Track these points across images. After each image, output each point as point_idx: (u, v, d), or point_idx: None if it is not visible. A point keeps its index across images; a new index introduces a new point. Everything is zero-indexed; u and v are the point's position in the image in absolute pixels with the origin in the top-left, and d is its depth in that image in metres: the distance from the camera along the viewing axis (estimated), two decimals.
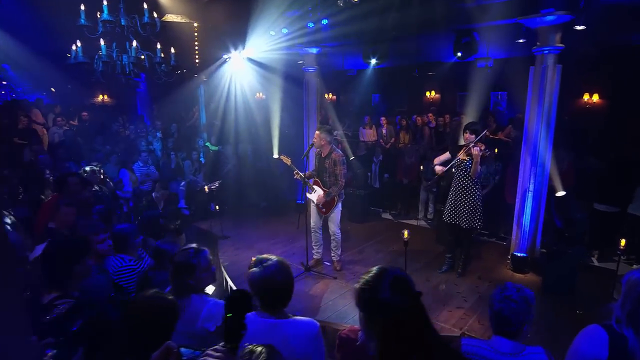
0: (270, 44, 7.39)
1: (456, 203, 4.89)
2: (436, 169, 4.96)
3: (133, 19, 4.83)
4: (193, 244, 2.52)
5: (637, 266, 5.24)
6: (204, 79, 10.05)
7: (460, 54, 5.91)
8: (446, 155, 4.96)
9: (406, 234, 3.96)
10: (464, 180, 4.81)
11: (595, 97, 9.13)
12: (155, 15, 4.96)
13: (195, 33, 8.18)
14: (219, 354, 1.18)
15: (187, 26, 7.96)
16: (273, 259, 1.95)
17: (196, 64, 8.53)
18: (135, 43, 4.97)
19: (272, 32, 7.24)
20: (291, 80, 8.72)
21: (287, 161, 5.22)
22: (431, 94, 11.43)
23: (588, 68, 8.39)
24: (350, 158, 7.82)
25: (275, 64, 8.39)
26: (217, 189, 8.12)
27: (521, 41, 5.78)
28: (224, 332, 1.20)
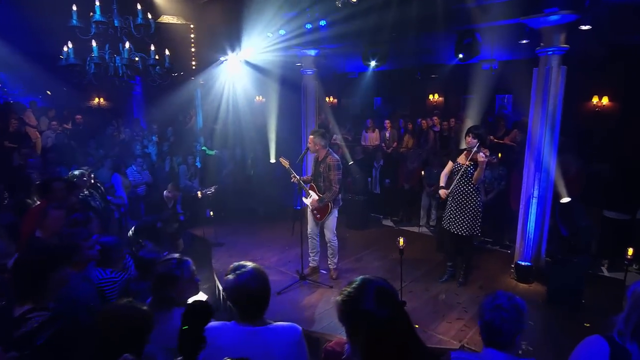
0: (268, 46, 7.39)
1: (456, 210, 4.82)
2: (442, 193, 4.85)
3: (126, 20, 4.83)
4: (176, 254, 2.48)
5: None
6: (200, 81, 10.06)
7: (461, 56, 5.87)
8: (450, 166, 4.89)
9: (402, 241, 3.89)
10: (464, 186, 4.74)
11: (605, 100, 9.02)
12: (149, 16, 4.96)
13: (192, 35, 8.21)
14: None
15: (183, 28, 8.00)
16: (248, 266, 1.92)
17: (192, 66, 8.55)
18: (128, 44, 4.97)
19: (270, 34, 7.24)
20: (289, 83, 8.71)
21: (286, 164, 5.16)
22: (434, 97, 11.38)
23: (597, 70, 8.30)
24: (349, 163, 7.77)
25: (273, 66, 8.39)
26: (213, 194, 8.11)
27: (524, 42, 5.72)
28: (179, 345, 1.15)
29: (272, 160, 8.33)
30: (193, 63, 8.49)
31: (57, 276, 2.28)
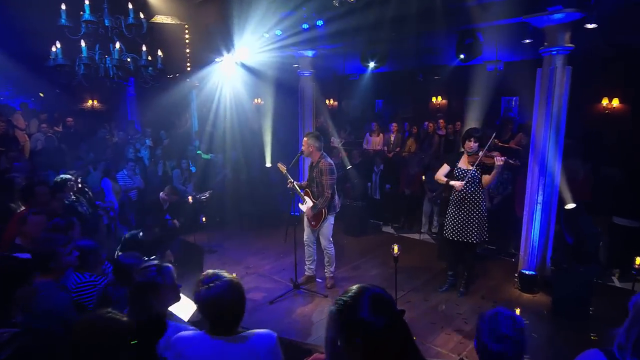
0: (264, 47, 7.38)
1: (461, 217, 4.71)
2: (457, 185, 4.65)
3: (117, 20, 4.83)
4: (154, 261, 2.43)
5: None
6: (195, 83, 10.07)
7: (463, 56, 5.82)
8: (445, 168, 4.82)
9: (396, 249, 3.83)
10: (472, 192, 4.63)
11: (615, 102, 8.94)
12: (141, 15, 4.95)
13: (186, 35, 8.22)
14: None
15: (177, 28, 8.01)
16: (223, 276, 1.87)
17: (187, 67, 8.55)
18: (118, 45, 4.96)
19: (266, 34, 7.24)
20: (288, 85, 8.69)
21: (283, 169, 5.14)
22: (437, 100, 11.34)
23: (606, 71, 8.24)
24: (347, 167, 7.72)
25: (270, 68, 8.38)
26: (208, 199, 8.07)
27: (527, 41, 5.67)
28: None
29: (268, 165, 8.29)
30: (188, 64, 8.49)
31: (23, 292, 2.23)
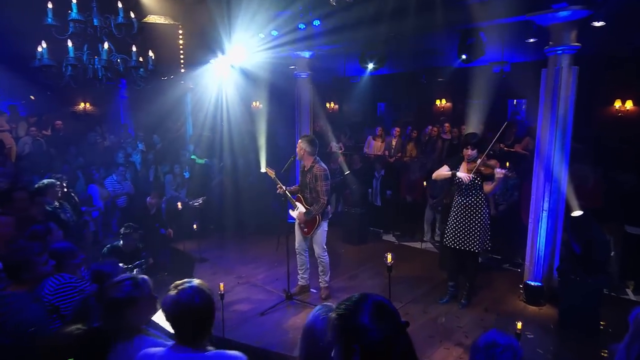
0: (260, 48, 7.37)
1: (462, 224, 4.66)
2: (461, 175, 4.52)
3: (107, 19, 4.81)
4: (127, 274, 2.39)
5: None
6: (190, 85, 10.07)
7: (465, 57, 5.77)
8: (445, 169, 4.75)
9: (390, 257, 3.76)
10: (472, 199, 4.59)
11: (629, 104, 8.84)
12: (132, 15, 4.94)
13: (180, 36, 8.23)
14: None
15: (170, 28, 8.01)
16: (192, 282, 1.83)
17: (181, 69, 8.55)
18: (107, 45, 4.94)
19: (262, 35, 7.23)
20: (284, 88, 8.67)
21: (272, 174, 5.14)
22: (442, 103, 11.28)
23: (618, 71, 8.15)
24: (346, 172, 7.66)
25: (267, 70, 8.36)
26: (201, 206, 8.02)
27: (532, 40, 5.60)
28: None
29: (263, 170, 8.24)
30: (182, 66, 8.48)
31: None
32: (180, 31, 8.20)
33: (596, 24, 4.88)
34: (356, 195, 7.33)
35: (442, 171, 4.75)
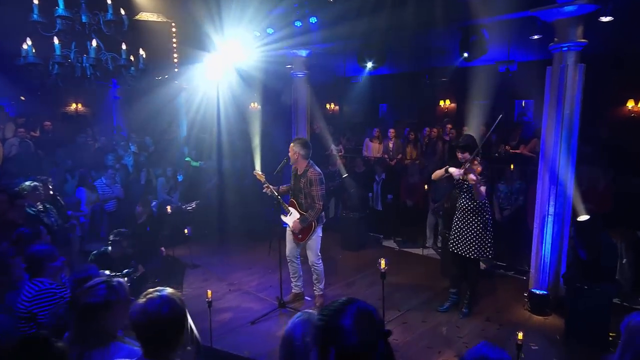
0: (256, 46, 7.36)
1: (461, 229, 4.65)
2: (451, 170, 4.50)
3: (96, 16, 4.80)
4: (99, 277, 2.34)
5: None
6: (184, 86, 10.06)
7: (466, 55, 5.73)
8: (443, 172, 4.70)
9: (383, 263, 3.71)
10: (468, 202, 4.56)
11: None
12: (122, 12, 4.93)
13: (173, 34, 8.23)
14: None
15: (163, 26, 8.01)
16: (163, 291, 1.77)
17: (175, 68, 8.54)
18: (95, 42, 4.93)
19: (257, 33, 7.22)
20: (281, 88, 8.65)
21: (261, 177, 5.12)
22: (445, 103, 11.23)
23: (630, 70, 8.06)
24: (343, 175, 7.61)
25: (262, 69, 8.34)
26: (194, 210, 7.99)
27: (536, 37, 5.55)
28: None
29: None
30: (175, 65, 8.47)
31: None
32: (173, 29, 8.20)
33: (604, 19, 4.80)
34: (354, 198, 7.26)
35: (440, 170, 4.71)
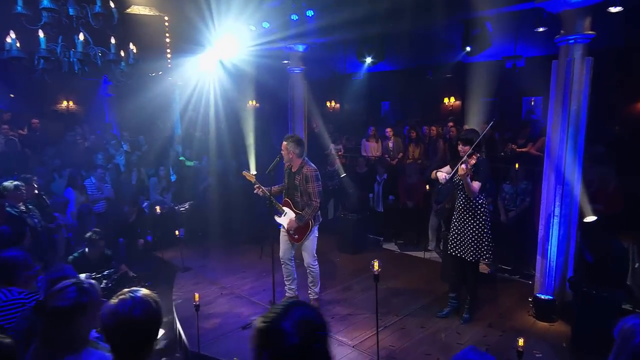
0: (251, 41, 7.32)
1: (459, 229, 4.59)
2: (439, 176, 4.54)
3: (84, 9, 4.77)
4: (67, 279, 2.28)
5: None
6: (178, 82, 10.04)
7: (469, 48, 5.66)
8: (447, 169, 4.65)
9: (376, 265, 3.64)
10: (465, 202, 4.50)
11: None
12: (111, 4, 4.90)
13: (166, 28, 8.19)
14: None
15: (156, 20, 7.98)
16: (137, 292, 1.71)
17: (168, 64, 8.51)
18: (82, 36, 4.90)
19: (252, 27, 7.18)
20: (278, 86, 8.60)
21: (251, 178, 5.07)
22: (450, 101, 11.15)
23: None
24: (342, 175, 7.55)
25: (257, 65, 8.31)
26: (187, 211, 7.96)
27: (541, 30, 5.46)
28: None
29: (254, 173, 8.16)
30: (169, 60, 8.44)
31: None
32: (166, 23, 8.16)
33: (613, 9, 4.73)
34: (353, 199, 7.20)
35: (433, 172, 4.71)
